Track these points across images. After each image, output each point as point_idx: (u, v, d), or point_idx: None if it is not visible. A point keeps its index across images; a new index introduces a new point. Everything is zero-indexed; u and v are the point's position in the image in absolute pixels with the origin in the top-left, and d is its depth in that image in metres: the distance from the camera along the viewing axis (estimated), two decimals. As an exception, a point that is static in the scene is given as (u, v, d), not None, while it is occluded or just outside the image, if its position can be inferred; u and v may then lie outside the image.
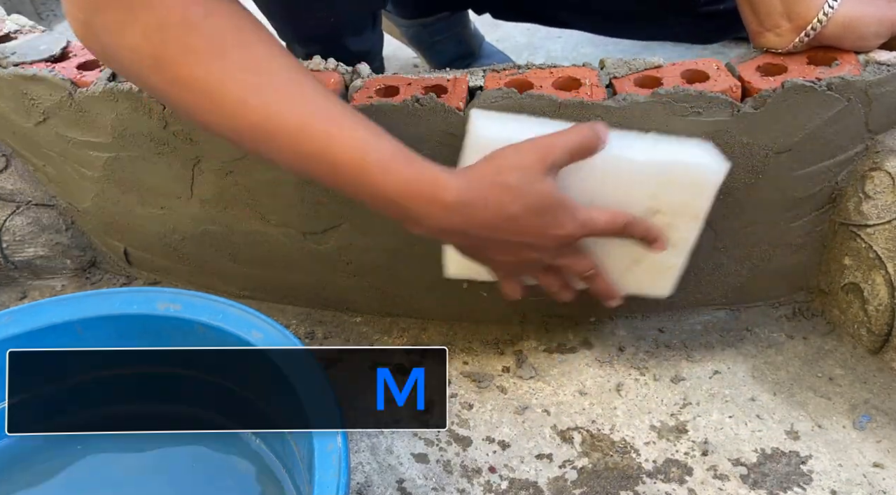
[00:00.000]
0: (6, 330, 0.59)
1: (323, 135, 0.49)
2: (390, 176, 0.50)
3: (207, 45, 0.48)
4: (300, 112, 0.49)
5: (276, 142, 0.50)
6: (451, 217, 0.52)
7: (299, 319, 0.78)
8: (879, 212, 0.63)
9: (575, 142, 0.54)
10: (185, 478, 0.60)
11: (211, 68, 0.48)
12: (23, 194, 0.79)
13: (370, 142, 0.50)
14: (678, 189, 0.57)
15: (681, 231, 0.60)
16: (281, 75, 0.50)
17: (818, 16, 0.58)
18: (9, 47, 0.72)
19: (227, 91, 0.48)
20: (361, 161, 0.50)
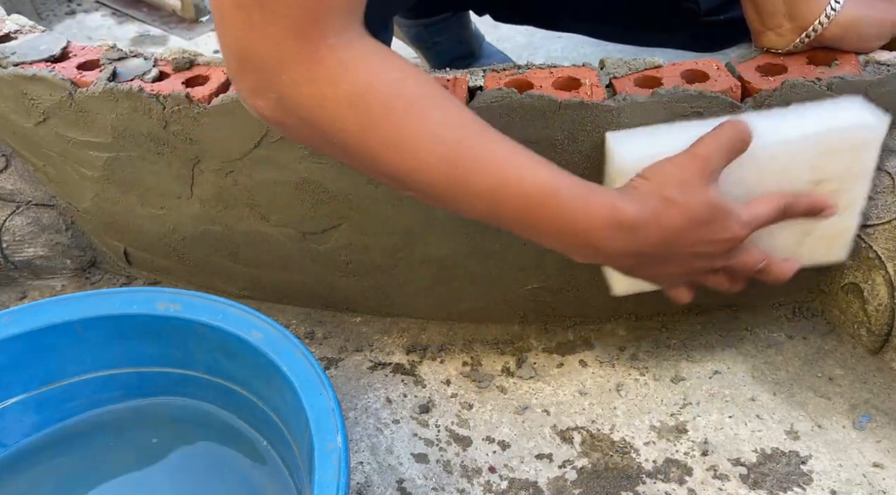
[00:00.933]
0: (6, 330, 0.60)
1: (514, 178, 0.52)
2: (577, 207, 0.52)
3: (408, 107, 0.50)
4: (492, 158, 0.52)
5: (472, 189, 0.52)
6: (629, 239, 0.53)
7: (299, 319, 0.78)
8: (879, 212, 0.63)
9: (727, 143, 0.55)
10: (186, 478, 0.60)
11: (416, 129, 0.50)
12: (23, 194, 0.79)
13: (556, 178, 0.52)
14: (839, 155, 0.57)
15: (850, 193, 0.59)
16: (473, 128, 0.53)
17: (820, 17, 0.58)
18: (9, 47, 0.72)
19: (431, 148, 0.51)
20: (551, 197, 0.52)
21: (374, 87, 0.49)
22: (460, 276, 0.72)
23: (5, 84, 0.69)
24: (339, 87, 0.49)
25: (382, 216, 0.68)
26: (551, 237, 0.54)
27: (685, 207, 0.54)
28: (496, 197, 0.52)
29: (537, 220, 0.53)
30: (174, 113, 0.65)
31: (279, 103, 0.50)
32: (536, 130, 0.62)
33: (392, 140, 0.50)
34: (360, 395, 0.70)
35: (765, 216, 0.57)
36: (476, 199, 0.53)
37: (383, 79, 0.50)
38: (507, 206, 0.53)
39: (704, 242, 0.56)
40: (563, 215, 0.53)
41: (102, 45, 0.72)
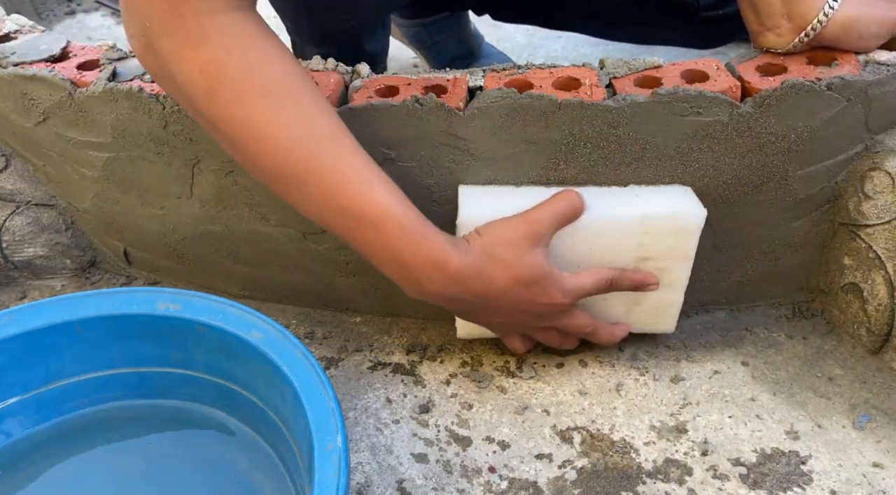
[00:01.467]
0: (6, 330, 0.60)
1: (353, 193, 0.53)
2: (406, 239, 0.54)
3: (263, 92, 0.51)
4: (337, 168, 0.53)
5: (309, 192, 0.53)
6: (450, 285, 0.56)
7: (299, 319, 0.78)
8: (879, 212, 0.63)
9: (558, 212, 0.59)
10: (185, 478, 0.60)
11: (265, 115, 0.51)
12: (23, 194, 0.79)
13: (393, 206, 0.54)
14: (662, 238, 0.62)
15: (673, 272, 0.64)
16: (325, 129, 0.53)
17: (818, 16, 0.58)
18: (9, 47, 0.72)
19: (276, 138, 0.52)
20: (383, 222, 0.53)
21: (231, 61, 0.50)
22: (460, 276, 0.72)
23: (5, 84, 0.69)
24: (196, 51, 0.50)
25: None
26: (378, 261, 0.56)
27: (508, 266, 0.57)
28: (330, 206, 0.53)
29: (365, 241, 0.55)
30: (174, 113, 0.65)
31: (147, 48, 0.52)
32: (536, 130, 0.62)
33: (237, 118, 0.51)
34: (360, 395, 0.70)
35: (589, 287, 0.61)
36: (310, 202, 0.54)
37: (240, 56, 0.51)
38: (338, 218, 0.54)
39: (525, 302, 0.59)
40: (391, 244, 0.54)
41: (102, 45, 0.72)
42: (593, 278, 0.61)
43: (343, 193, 0.53)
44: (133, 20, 0.52)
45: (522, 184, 0.64)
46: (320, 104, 0.54)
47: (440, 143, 0.63)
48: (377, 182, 0.54)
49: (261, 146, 0.52)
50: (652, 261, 0.63)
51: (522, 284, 0.57)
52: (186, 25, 0.50)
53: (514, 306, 0.59)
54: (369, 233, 0.54)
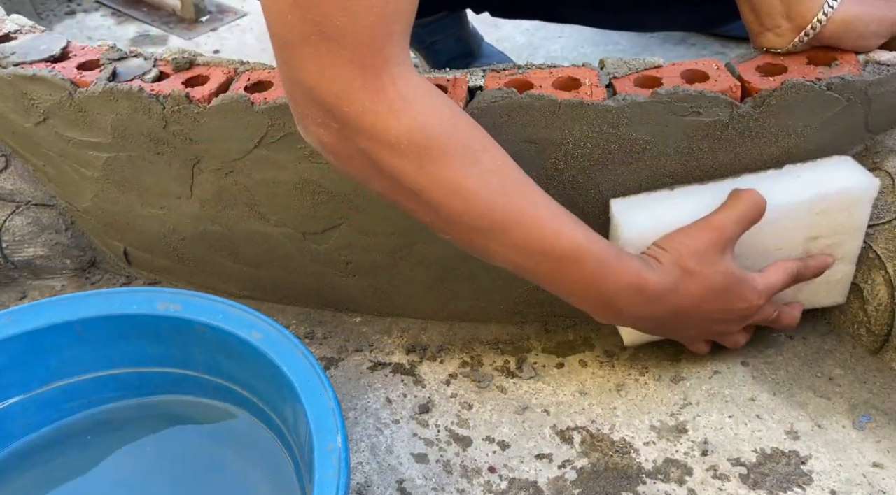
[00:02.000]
0: (6, 330, 0.60)
1: (553, 235, 0.54)
2: (606, 270, 0.55)
3: (463, 150, 0.52)
4: (536, 213, 0.54)
5: (510, 239, 0.54)
6: (648, 306, 0.57)
7: (299, 319, 0.78)
8: (879, 212, 0.63)
9: (744, 215, 0.58)
10: (185, 478, 0.60)
11: (469, 172, 0.52)
12: (23, 194, 0.79)
13: (590, 240, 0.55)
14: (833, 215, 0.61)
15: (844, 245, 0.63)
16: (517, 177, 0.54)
17: (818, 16, 0.58)
18: (9, 47, 0.72)
19: (479, 192, 0.52)
20: (584, 258, 0.54)
21: (432, 124, 0.50)
22: (460, 276, 0.72)
23: (5, 84, 0.69)
24: (400, 120, 0.49)
25: (382, 216, 0.68)
26: (578, 296, 0.57)
27: (702, 277, 0.57)
28: (532, 250, 0.54)
29: (567, 279, 0.55)
30: (174, 113, 0.65)
31: (341, 133, 0.51)
32: (536, 130, 0.62)
33: (444, 180, 0.51)
34: (360, 395, 0.70)
35: (780, 283, 0.61)
36: (512, 249, 0.54)
37: (440, 116, 0.51)
38: (539, 260, 0.54)
39: (721, 310, 0.60)
40: (592, 277, 0.55)
41: (102, 45, 0.72)
42: (782, 274, 0.61)
43: (544, 237, 0.53)
44: (313, 108, 0.50)
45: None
46: (504, 153, 0.54)
47: (440, 143, 0.63)
48: (570, 221, 0.55)
49: (466, 204, 0.52)
50: (822, 239, 0.62)
51: (719, 293, 0.58)
52: (388, 96, 0.49)
53: (710, 316, 0.60)
54: (571, 271, 0.54)
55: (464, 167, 0.51)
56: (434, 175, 0.51)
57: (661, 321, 0.59)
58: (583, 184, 0.64)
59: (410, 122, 0.50)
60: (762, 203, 0.59)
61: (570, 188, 0.65)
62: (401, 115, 0.49)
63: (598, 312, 0.58)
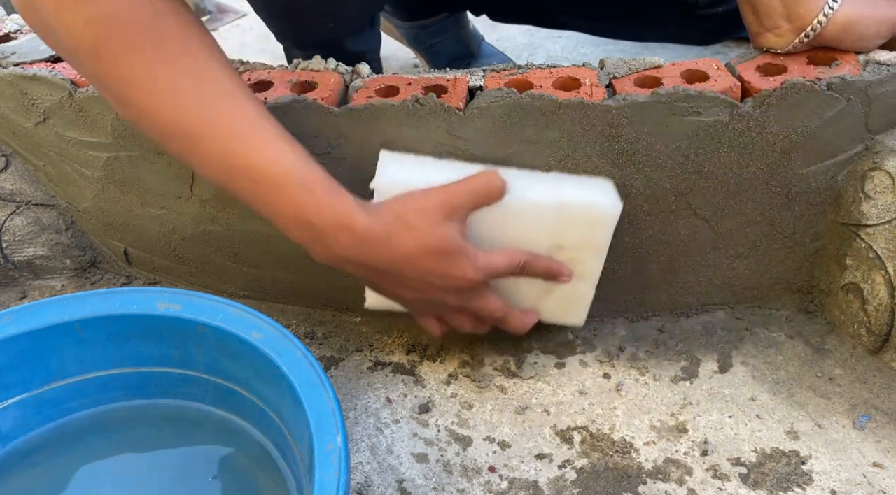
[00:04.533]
0: (6, 330, 0.59)
1: (251, 152, 0.50)
2: (308, 198, 0.52)
3: (153, 48, 0.48)
4: (233, 126, 0.50)
5: (205, 152, 0.51)
6: (355, 247, 0.54)
7: (299, 319, 0.78)
8: (879, 212, 0.63)
9: (477, 189, 0.57)
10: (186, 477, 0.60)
11: (155, 71, 0.49)
12: (23, 194, 0.79)
13: (296, 164, 0.51)
14: (577, 227, 0.61)
15: (586, 264, 0.63)
16: (220, 86, 0.51)
17: (818, 17, 0.58)
18: (9, 47, 0.72)
19: (167, 96, 0.49)
20: (284, 180, 0.51)
21: (120, 15, 0.47)
22: (460, 276, 0.72)
23: (5, 84, 0.69)
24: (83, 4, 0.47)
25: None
26: (282, 223, 0.54)
27: (419, 234, 0.55)
28: (227, 165, 0.51)
29: (269, 202, 0.52)
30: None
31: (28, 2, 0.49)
32: (536, 130, 0.62)
33: (125, 76, 0.49)
34: (360, 395, 0.70)
35: (501, 267, 0.59)
36: (207, 163, 0.51)
37: (131, 10, 0.48)
38: (236, 179, 0.51)
39: (434, 273, 0.56)
40: (293, 203, 0.51)
41: (102, 45, 0.72)
42: (507, 258, 0.59)
43: (240, 152, 0.50)
44: None
45: None
46: (215, 61, 0.51)
47: (440, 143, 0.63)
48: (277, 139, 0.51)
49: (151, 103, 0.49)
50: (566, 251, 0.62)
51: (432, 254, 0.55)
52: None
53: (423, 278, 0.57)
54: (270, 193, 0.51)
55: (150, 64, 0.48)
56: (115, 67, 0.48)
57: (376, 272, 0.56)
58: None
59: (93, 8, 0.47)
60: (499, 185, 0.58)
61: (570, 188, 0.65)
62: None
63: (309, 247, 0.55)
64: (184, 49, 0.50)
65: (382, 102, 0.62)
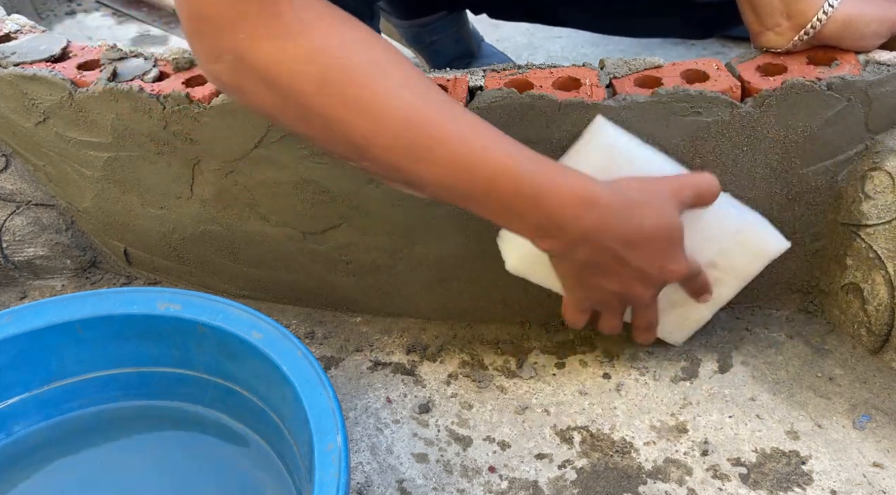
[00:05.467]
0: (6, 330, 0.60)
1: (480, 149, 0.50)
2: (546, 182, 0.51)
3: (369, 67, 0.49)
4: (457, 128, 0.50)
5: (434, 157, 0.50)
6: (599, 220, 0.52)
7: (299, 319, 0.78)
8: (879, 212, 0.63)
9: (701, 188, 0.57)
10: (186, 477, 0.60)
11: (376, 88, 0.49)
12: (23, 194, 0.79)
13: (524, 154, 0.51)
14: (743, 249, 0.61)
15: (725, 288, 0.63)
16: (435, 95, 0.51)
17: (818, 14, 0.58)
18: (9, 47, 0.72)
19: (393, 109, 0.49)
20: (517, 170, 0.50)
21: (333, 44, 0.48)
22: (460, 276, 0.72)
23: (5, 84, 0.69)
24: (299, 43, 0.47)
25: (382, 216, 0.68)
26: (515, 214, 0.52)
27: (658, 213, 0.54)
28: (458, 167, 0.50)
29: (501, 195, 0.51)
30: (174, 113, 0.65)
31: (236, 64, 0.48)
32: (536, 130, 0.62)
33: (351, 98, 0.49)
34: (360, 395, 0.70)
35: (694, 271, 0.59)
36: (436, 168, 0.51)
37: (342, 37, 0.49)
38: (468, 178, 0.51)
39: (656, 261, 0.56)
40: (532, 191, 0.51)
41: (102, 45, 0.72)
42: (694, 264, 0.59)
43: (471, 152, 0.50)
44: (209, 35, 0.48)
45: None
46: (420, 72, 0.52)
47: (440, 143, 0.63)
48: (500, 137, 0.51)
49: (377, 122, 0.49)
50: (716, 271, 0.62)
51: (665, 237, 0.55)
52: (286, 21, 0.47)
53: (642, 265, 0.55)
54: (506, 187, 0.50)
55: (371, 82, 0.49)
56: (338, 94, 0.48)
57: (602, 253, 0.54)
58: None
59: (309, 44, 0.47)
60: (717, 189, 0.58)
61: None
62: (299, 38, 0.47)
63: (540, 233, 0.53)
64: (397, 65, 0.50)
65: (382, 102, 0.62)
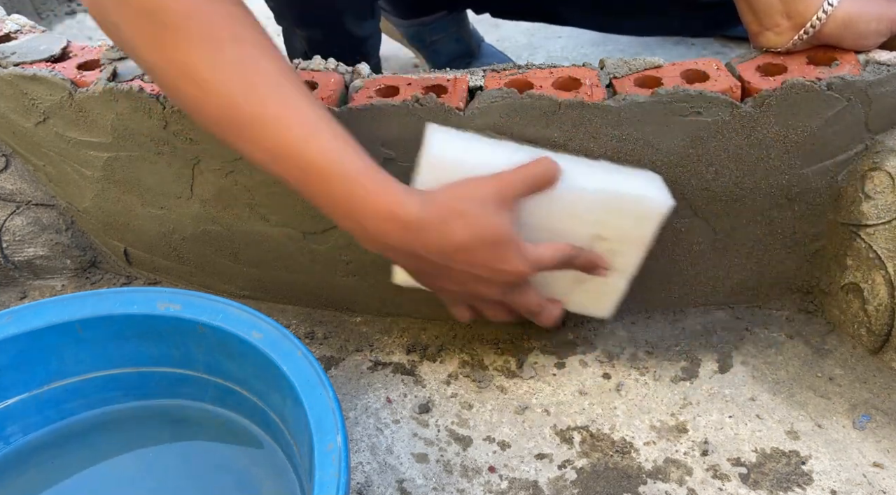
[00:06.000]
0: (6, 330, 0.60)
1: (300, 140, 0.51)
2: (357, 188, 0.51)
3: (205, 35, 0.50)
4: (283, 114, 0.51)
5: (254, 139, 0.51)
6: (405, 236, 0.53)
7: (299, 319, 0.78)
8: (879, 212, 0.63)
9: (532, 177, 0.56)
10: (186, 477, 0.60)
11: (205, 57, 0.50)
12: (23, 194, 0.79)
13: (344, 153, 0.52)
14: (623, 218, 0.59)
15: (624, 257, 0.62)
16: (270, 76, 0.51)
17: (817, 13, 0.58)
18: (9, 47, 0.72)
19: (218, 83, 0.50)
20: (331, 169, 0.51)
21: (172, 6, 0.49)
22: (460, 276, 0.72)
23: (5, 84, 0.69)
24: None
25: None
26: (331, 213, 0.53)
27: (472, 222, 0.53)
28: (277, 153, 0.51)
29: (316, 192, 0.52)
30: (174, 113, 0.65)
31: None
32: (536, 130, 0.62)
33: (178, 62, 0.50)
34: (360, 395, 0.70)
35: (549, 261, 0.58)
36: (257, 149, 0.52)
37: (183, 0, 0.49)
38: (286, 167, 0.52)
39: (483, 265, 0.55)
40: (343, 195, 0.51)
41: (102, 45, 0.72)
42: (553, 252, 0.58)
43: (289, 141, 0.51)
44: None
45: None
46: (265, 49, 0.52)
47: (440, 143, 0.63)
48: (326, 129, 0.52)
49: (201, 91, 0.50)
50: (606, 242, 0.60)
51: (485, 245, 0.54)
52: None
53: (470, 270, 0.55)
54: (318, 183, 0.52)
55: (201, 52, 0.50)
56: (167, 55, 0.50)
57: (424, 262, 0.55)
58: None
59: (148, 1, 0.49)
60: (554, 171, 0.56)
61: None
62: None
63: (359, 237, 0.54)
64: (232, 38, 0.51)
65: (382, 102, 0.62)
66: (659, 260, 0.70)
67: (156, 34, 0.50)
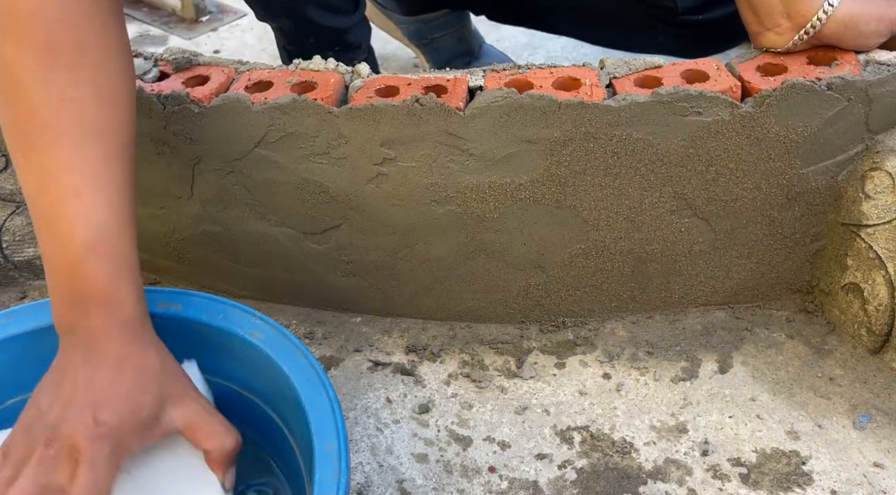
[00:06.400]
0: (6, 330, 0.59)
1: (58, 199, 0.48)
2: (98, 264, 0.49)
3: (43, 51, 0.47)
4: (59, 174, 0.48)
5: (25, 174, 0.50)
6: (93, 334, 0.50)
7: (299, 319, 0.78)
8: (879, 212, 0.63)
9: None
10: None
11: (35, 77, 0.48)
12: (23, 194, 0.79)
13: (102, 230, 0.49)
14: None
15: None
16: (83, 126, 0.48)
17: (818, 14, 0.58)
18: (9, 47, 0.72)
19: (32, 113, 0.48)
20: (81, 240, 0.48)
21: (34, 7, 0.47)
22: (460, 276, 0.72)
23: (5, 84, 0.69)
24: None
25: (382, 216, 0.68)
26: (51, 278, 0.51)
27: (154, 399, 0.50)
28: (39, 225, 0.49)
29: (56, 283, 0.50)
30: (174, 113, 0.65)
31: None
32: (536, 130, 0.62)
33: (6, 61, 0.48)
34: (360, 395, 0.70)
35: None
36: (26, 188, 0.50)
37: (49, 5, 0.47)
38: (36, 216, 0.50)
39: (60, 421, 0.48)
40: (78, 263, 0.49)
41: (102, 45, 0.72)
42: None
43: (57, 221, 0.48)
44: None
45: (522, 184, 0.64)
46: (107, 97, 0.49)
47: (440, 143, 0.63)
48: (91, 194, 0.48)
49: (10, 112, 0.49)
50: None
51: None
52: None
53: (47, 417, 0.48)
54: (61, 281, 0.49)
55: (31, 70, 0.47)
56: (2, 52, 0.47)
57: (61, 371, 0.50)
58: (582, 186, 0.64)
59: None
60: None
61: (569, 188, 0.65)
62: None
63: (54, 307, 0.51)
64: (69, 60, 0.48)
65: (382, 102, 0.62)
66: (659, 260, 0.70)
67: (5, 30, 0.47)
